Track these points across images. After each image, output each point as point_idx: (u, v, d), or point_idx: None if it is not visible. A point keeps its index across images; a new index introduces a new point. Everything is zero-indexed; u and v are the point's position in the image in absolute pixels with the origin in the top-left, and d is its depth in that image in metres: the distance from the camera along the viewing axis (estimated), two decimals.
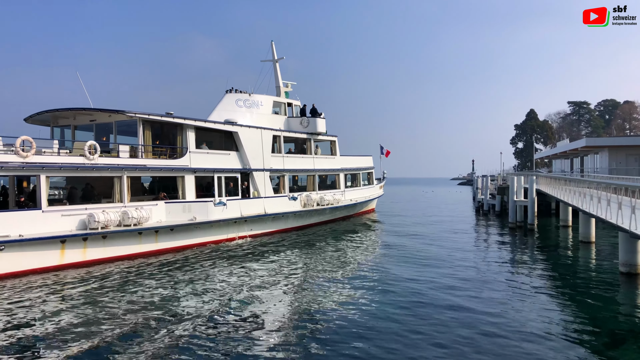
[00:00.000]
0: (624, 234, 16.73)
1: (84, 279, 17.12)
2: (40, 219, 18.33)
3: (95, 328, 11.69)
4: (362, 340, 10.93)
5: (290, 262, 20.54)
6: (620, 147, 47.85)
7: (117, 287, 15.85)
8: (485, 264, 20.70)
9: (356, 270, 19.05)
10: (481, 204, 50.08)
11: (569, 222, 32.92)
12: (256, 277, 17.54)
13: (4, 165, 17.56)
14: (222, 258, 21.44)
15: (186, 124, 24.64)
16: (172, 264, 19.92)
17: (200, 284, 16.32)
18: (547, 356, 10.13)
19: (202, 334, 11.38)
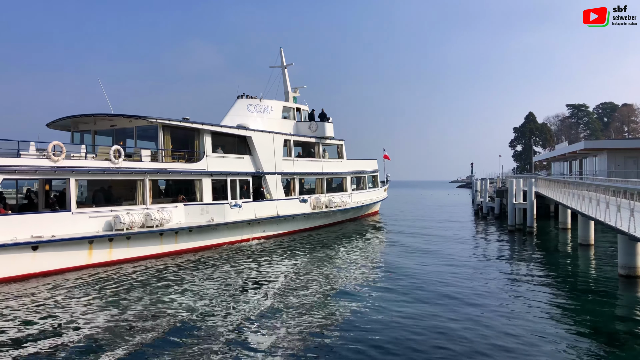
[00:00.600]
0: (623, 237, 16.76)
1: (112, 277, 17.91)
2: (69, 221, 19.10)
3: (123, 326, 12.17)
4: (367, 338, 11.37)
5: (306, 261, 21.45)
6: (618, 150, 48.06)
7: (144, 285, 16.61)
8: (484, 267, 20.68)
9: (363, 272, 19.51)
10: (480, 207, 49.80)
11: (568, 224, 32.86)
12: (276, 275, 18.45)
13: (37, 169, 18.40)
14: (242, 257, 22.40)
15: (203, 129, 25.48)
16: (198, 262, 21.03)
17: (228, 283, 17.20)
18: (546, 358, 10.17)
19: (224, 329, 11.97)
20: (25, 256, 17.35)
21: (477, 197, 55.71)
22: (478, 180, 63.16)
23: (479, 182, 58.54)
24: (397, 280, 17.35)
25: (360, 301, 14.53)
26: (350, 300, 14.74)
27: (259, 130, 29.07)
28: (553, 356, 10.33)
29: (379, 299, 14.76)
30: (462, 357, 10.19)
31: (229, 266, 20.19)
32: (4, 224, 17.11)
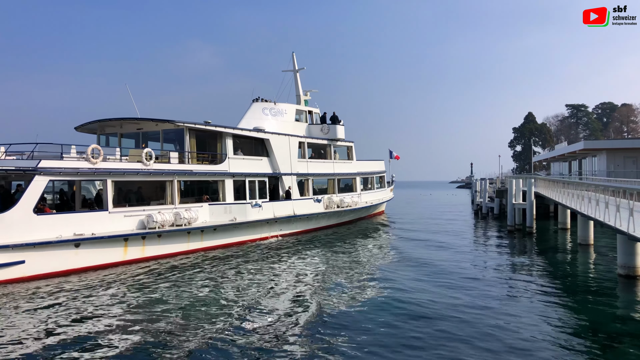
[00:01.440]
0: (622, 237, 16.88)
1: (149, 273, 19.12)
2: (107, 220, 20.35)
3: (155, 319, 13.01)
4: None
5: (324, 258, 22.82)
6: (618, 150, 48.38)
7: (178, 280, 17.91)
8: (484, 266, 20.94)
9: (371, 270, 20.30)
10: (480, 207, 50.02)
11: (568, 224, 33.15)
12: (302, 269, 19.88)
13: (79, 171, 19.65)
14: (265, 254, 23.85)
15: (225, 132, 26.81)
16: (225, 259, 22.43)
17: (257, 277, 18.46)
18: (546, 358, 10.29)
19: (248, 322, 12.80)
20: (69, 252, 18.68)
21: (476, 198, 56.05)
22: (478, 180, 63.50)
23: (478, 182, 58.90)
24: (398, 287, 17.34)
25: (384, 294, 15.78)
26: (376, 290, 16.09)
27: (276, 133, 30.50)
28: (552, 356, 10.38)
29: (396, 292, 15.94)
30: (461, 355, 10.35)
31: (256, 262, 21.59)
32: (50, 223, 18.38)
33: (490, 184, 55.34)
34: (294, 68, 38.79)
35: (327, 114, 37.49)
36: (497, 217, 44.42)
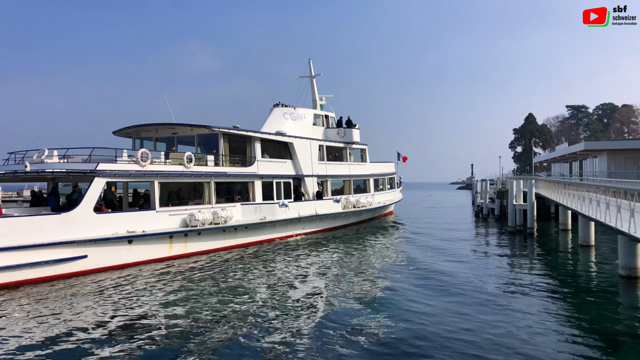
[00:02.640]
0: (623, 237, 16.92)
1: (192, 267, 20.73)
2: (154, 218, 22.05)
3: (198, 310, 14.10)
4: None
5: (346, 254, 24.47)
6: (618, 151, 48.58)
7: (220, 274, 19.39)
8: (485, 268, 21.22)
9: (381, 271, 20.60)
10: (480, 208, 50.34)
11: (569, 225, 33.26)
12: (328, 265, 21.31)
13: (131, 173, 21.42)
14: (293, 250, 25.81)
15: (254, 136, 28.77)
16: (260, 254, 24.13)
17: (288, 271, 19.99)
18: (547, 359, 10.42)
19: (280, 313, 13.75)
20: (123, 248, 20.42)
21: (477, 199, 56.50)
22: (478, 181, 63.94)
23: (479, 183, 59.17)
24: (400, 288, 17.39)
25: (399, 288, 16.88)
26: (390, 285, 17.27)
27: (298, 137, 32.62)
28: (553, 356, 10.54)
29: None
30: (459, 355, 10.50)
31: (287, 257, 23.58)
32: (107, 221, 20.13)
33: (491, 185, 54.95)
34: (311, 74, 40.84)
35: (342, 118, 39.58)
36: (498, 218, 44.73)
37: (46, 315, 13.41)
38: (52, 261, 17.87)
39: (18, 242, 17.16)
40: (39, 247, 17.63)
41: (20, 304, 14.67)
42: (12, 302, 15.02)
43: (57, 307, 14.29)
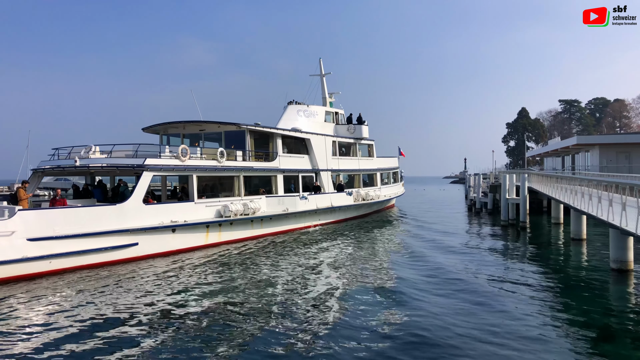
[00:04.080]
0: (615, 231, 17.39)
1: (227, 255, 23.10)
2: (193, 209, 24.35)
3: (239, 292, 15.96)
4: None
5: (361, 242, 27.33)
6: (610, 145, 49.34)
7: (254, 260, 21.69)
8: (477, 261, 21.67)
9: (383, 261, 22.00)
10: (473, 202, 51.56)
11: (561, 219, 34.00)
12: (346, 253, 23.56)
13: (174, 168, 23.89)
14: (314, 239, 28.36)
15: (276, 133, 31.36)
16: (283, 244, 26.39)
17: (312, 257, 22.26)
18: (538, 352, 10.61)
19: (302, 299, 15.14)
20: (168, 236, 22.84)
21: (470, 193, 57.52)
22: (471, 175, 64.81)
23: (472, 177, 60.07)
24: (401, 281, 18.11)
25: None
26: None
27: (315, 133, 35.30)
28: (545, 350, 10.78)
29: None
30: (452, 349, 10.79)
31: (309, 245, 26.15)
32: (154, 211, 22.44)
33: (484, 179, 56.28)
34: (321, 73, 43.49)
35: (352, 115, 42.44)
36: (491, 212, 45.89)
37: (101, 297, 15.21)
38: (110, 248, 20.21)
39: (83, 230, 19.42)
40: (100, 235, 19.95)
41: (83, 287, 16.56)
42: (80, 283, 17.09)
43: (110, 290, 16.10)
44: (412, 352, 10.70)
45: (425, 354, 10.58)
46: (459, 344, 11.09)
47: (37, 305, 14.40)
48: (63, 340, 11.36)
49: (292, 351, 10.77)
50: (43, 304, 14.51)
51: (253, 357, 10.50)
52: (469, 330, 11.96)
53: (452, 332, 11.87)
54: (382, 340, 11.38)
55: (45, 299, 15.17)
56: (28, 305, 14.43)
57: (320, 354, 10.57)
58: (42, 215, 18.74)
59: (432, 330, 11.96)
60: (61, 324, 12.58)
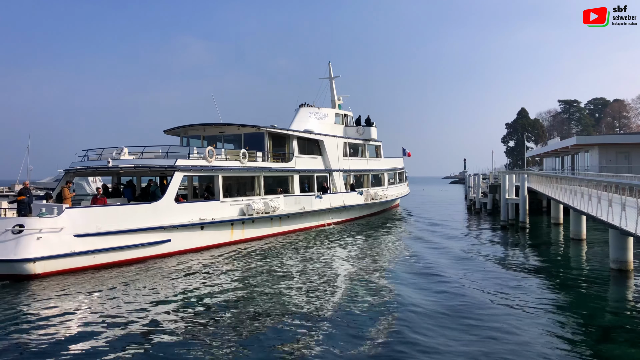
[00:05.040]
0: (614, 231, 17.49)
1: (250, 251, 24.76)
2: (219, 207, 26.18)
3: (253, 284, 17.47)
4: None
5: (376, 241, 29.15)
6: (610, 145, 50.05)
7: (275, 256, 23.45)
8: (477, 261, 22.06)
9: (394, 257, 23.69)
10: (473, 203, 52.36)
11: (560, 219, 34.46)
12: (362, 249, 25.48)
13: (202, 168, 25.65)
14: (329, 237, 30.44)
15: (292, 134, 33.39)
16: (302, 241, 28.32)
17: (334, 253, 24.02)
18: (537, 352, 10.75)
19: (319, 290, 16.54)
20: (197, 233, 24.58)
21: (469, 193, 58.26)
22: (471, 175, 65.41)
23: (471, 177, 60.76)
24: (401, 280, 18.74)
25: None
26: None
27: (327, 135, 37.41)
28: (545, 349, 10.91)
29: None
30: (449, 350, 10.92)
31: (326, 242, 28.08)
32: (184, 209, 24.14)
33: (484, 180, 56.99)
34: (330, 76, 45.62)
35: (361, 117, 44.52)
36: (490, 212, 46.74)
37: (137, 291, 16.53)
38: (147, 244, 21.97)
39: (123, 227, 21.19)
40: (137, 232, 21.69)
41: (121, 281, 17.95)
42: (119, 278, 18.56)
43: (146, 285, 17.44)
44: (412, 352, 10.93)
45: (422, 349, 10.98)
46: (459, 343, 11.32)
47: (84, 296, 15.81)
48: (104, 329, 12.45)
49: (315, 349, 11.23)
50: (88, 296, 15.88)
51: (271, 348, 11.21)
52: (468, 330, 12.18)
53: (451, 331, 12.15)
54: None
55: (90, 291, 16.53)
56: (79, 296, 15.91)
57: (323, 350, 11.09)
58: (87, 213, 20.53)
59: (423, 332, 12.14)
60: (107, 313, 13.78)
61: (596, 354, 10.74)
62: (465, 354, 10.71)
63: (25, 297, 15.79)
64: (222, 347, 11.19)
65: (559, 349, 11.00)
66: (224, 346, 11.23)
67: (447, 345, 11.26)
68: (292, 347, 11.21)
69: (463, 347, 11.11)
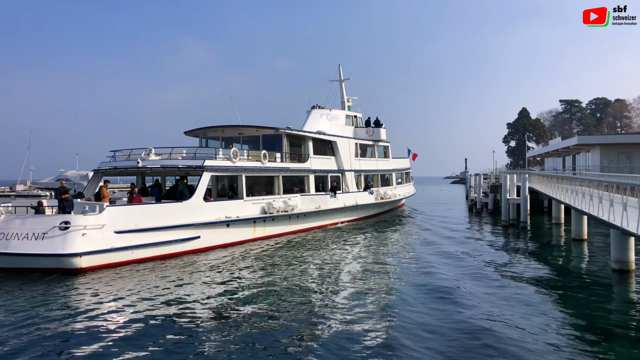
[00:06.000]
0: (616, 231, 17.70)
1: (272, 247, 26.62)
2: (242, 206, 27.94)
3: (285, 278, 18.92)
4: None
5: (388, 237, 31.14)
6: (611, 145, 50.67)
7: (295, 252, 25.10)
8: (478, 261, 22.38)
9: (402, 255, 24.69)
10: (474, 203, 52.92)
11: (562, 219, 34.79)
12: (376, 245, 26.98)
13: (228, 168, 27.44)
14: (344, 233, 32.63)
15: (308, 136, 35.29)
16: (321, 239, 30.20)
17: (348, 249, 25.70)
18: (538, 352, 10.95)
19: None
20: (223, 230, 26.46)
21: (471, 193, 58.93)
22: (472, 175, 66.19)
23: (472, 177, 61.35)
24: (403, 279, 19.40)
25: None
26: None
27: (340, 136, 39.43)
28: (546, 350, 11.12)
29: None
30: (451, 351, 11.16)
31: (343, 239, 30.16)
32: (212, 208, 25.96)
33: (485, 180, 57.82)
34: (340, 78, 47.81)
35: (370, 118, 46.67)
36: (492, 212, 47.45)
37: (175, 284, 17.93)
38: (179, 240, 23.81)
39: (158, 224, 22.92)
40: (171, 229, 23.47)
41: (159, 275, 19.48)
42: (156, 272, 20.09)
43: (183, 278, 18.88)
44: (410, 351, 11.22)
45: (424, 348, 11.28)
46: (459, 342, 11.55)
47: (128, 290, 17.19)
48: (140, 321, 13.55)
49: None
50: (132, 289, 17.29)
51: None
52: (468, 330, 12.41)
53: (451, 331, 12.39)
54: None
55: (133, 285, 17.99)
56: (124, 289, 17.30)
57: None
58: (126, 211, 22.32)
59: (424, 331, 12.45)
60: (143, 307, 14.98)
61: (597, 354, 10.91)
62: (465, 351, 11.06)
63: (75, 289, 17.33)
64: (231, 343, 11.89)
65: (560, 348, 11.19)
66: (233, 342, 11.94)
67: (443, 344, 11.54)
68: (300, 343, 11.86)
69: (461, 348, 11.28)
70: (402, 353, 11.04)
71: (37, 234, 20.04)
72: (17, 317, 13.84)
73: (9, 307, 14.90)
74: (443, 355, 10.95)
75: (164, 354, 11.23)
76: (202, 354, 11.19)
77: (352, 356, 10.90)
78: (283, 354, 11.26)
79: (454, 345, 11.50)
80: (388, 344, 11.62)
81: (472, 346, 11.39)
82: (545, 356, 10.76)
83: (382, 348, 11.35)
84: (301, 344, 11.81)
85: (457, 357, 10.81)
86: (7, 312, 14.35)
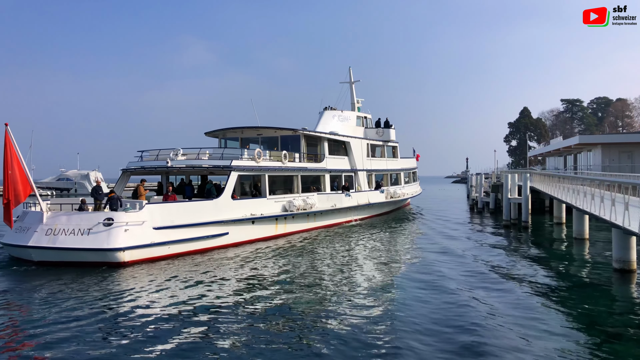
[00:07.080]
0: (617, 231, 17.90)
1: (293, 243, 28.45)
2: (265, 204, 29.92)
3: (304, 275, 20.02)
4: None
5: (401, 232, 32.83)
6: (612, 145, 51.54)
7: (315, 247, 27.06)
8: (479, 261, 22.77)
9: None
10: (475, 202, 53.93)
11: (563, 219, 35.51)
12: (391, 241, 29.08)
13: (253, 168, 29.38)
14: (359, 230, 34.77)
15: (323, 136, 37.45)
16: (338, 234, 32.62)
17: (365, 245, 27.39)
18: (540, 352, 11.05)
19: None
20: (249, 227, 28.49)
21: (472, 192, 59.90)
22: (473, 175, 67.09)
23: (474, 177, 62.19)
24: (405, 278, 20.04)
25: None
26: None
27: (353, 137, 41.61)
28: (547, 350, 11.21)
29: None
30: (452, 351, 11.34)
31: (359, 235, 32.35)
32: (238, 205, 27.87)
33: (486, 179, 58.54)
34: (350, 80, 50.05)
35: (380, 119, 48.99)
36: (493, 211, 48.21)
37: (209, 277, 19.20)
38: (210, 236, 25.71)
39: (192, 221, 24.82)
40: (203, 225, 25.35)
41: (194, 269, 20.96)
42: (191, 266, 21.68)
43: (217, 273, 20.15)
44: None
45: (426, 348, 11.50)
46: (459, 342, 11.72)
47: (170, 282, 18.61)
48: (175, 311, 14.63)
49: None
50: (172, 281, 18.69)
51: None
52: (464, 330, 12.60)
53: (452, 330, 12.62)
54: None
55: (173, 278, 19.37)
56: (167, 281, 18.69)
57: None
58: (163, 208, 24.20)
59: (426, 330, 12.66)
60: (180, 299, 16.11)
61: (598, 354, 11.05)
62: (465, 350, 11.32)
63: (123, 280, 18.91)
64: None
65: (561, 348, 11.32)
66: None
67: (444, 343, 11.83)
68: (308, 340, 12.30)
69: (462, 348, 11.47)
70: (406, 352, 11.23)
71: (83, 230, 21.79)
72: (82, 305, 15.21)
73: (71, 295, 16.39)
74: (446, 353, 11.20)
75: (196, 342, 12.07)
76: (229, 340, 12.13)
77: (358, 357, 11.13)
78: (297, 349, 11.64)
79: (454, 345, 11.67)
80: (393, 343, 11.85)
81: (473, 345, 11.61)
82: (546, 355, 10.95)
83: (387, 348, 11.54)
84: (316, 338, 12.30)
85: (458, 357, 11.00)
86: (75, 301, 15.67)
